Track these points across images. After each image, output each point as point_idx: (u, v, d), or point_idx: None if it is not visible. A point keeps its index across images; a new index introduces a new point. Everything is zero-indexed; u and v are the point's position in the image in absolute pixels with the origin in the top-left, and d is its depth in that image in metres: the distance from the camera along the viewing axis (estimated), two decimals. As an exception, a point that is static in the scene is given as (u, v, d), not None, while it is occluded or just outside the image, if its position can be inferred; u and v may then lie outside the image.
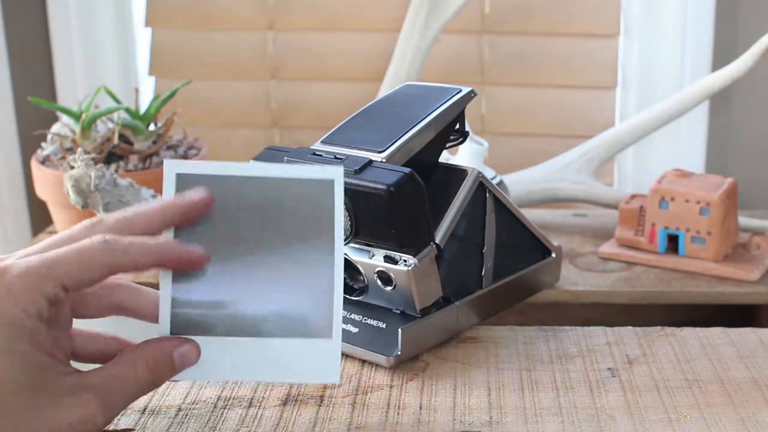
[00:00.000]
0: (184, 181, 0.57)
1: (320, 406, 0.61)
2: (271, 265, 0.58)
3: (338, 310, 0.58)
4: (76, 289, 0.52)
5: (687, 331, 0.72)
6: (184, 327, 0.57)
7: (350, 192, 0.64)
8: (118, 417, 0.60)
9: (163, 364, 0.54)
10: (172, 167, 0.57)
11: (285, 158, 0.68)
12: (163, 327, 0.57)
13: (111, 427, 0.59)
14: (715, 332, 0.72)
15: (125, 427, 0.59)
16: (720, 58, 1.11)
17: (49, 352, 0.51)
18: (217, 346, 0.57)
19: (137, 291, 0.58)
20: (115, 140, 0.95)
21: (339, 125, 0.71)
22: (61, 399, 0.51)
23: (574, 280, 0.86)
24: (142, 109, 0.99)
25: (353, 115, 0.72)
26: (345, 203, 0.65)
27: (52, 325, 0.52)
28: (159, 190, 0.87)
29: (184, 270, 0.56)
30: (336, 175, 0.57)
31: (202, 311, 0.57)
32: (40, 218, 1.21)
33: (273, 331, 0.58)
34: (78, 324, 0.58)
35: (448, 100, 0.70)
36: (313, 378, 0.59)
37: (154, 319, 0.57)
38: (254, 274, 0.58)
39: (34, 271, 0.51)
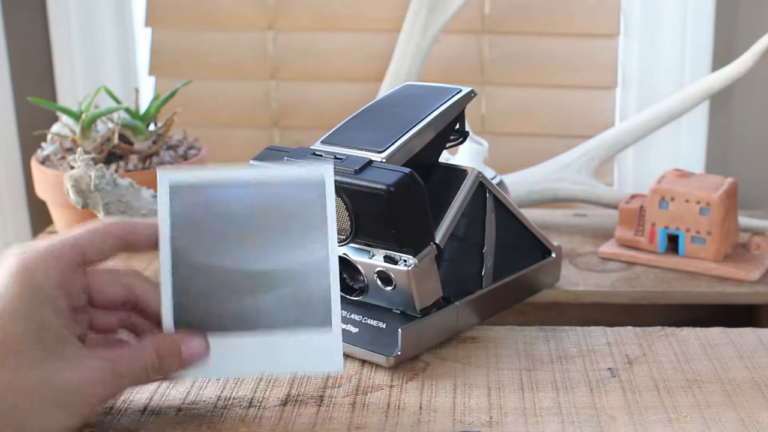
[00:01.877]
0: (177, 190, 0.58)
1: (320, 406, 0.61)
2: (269, 264, 0.59)
3: (336, 301, 0.59)
4: (94, 260, 0.57)
5: (687, 331, 0.72)
6: (187, 326, 0.58)
7: (350, 192, 0.64)
8: (119, 418, 0.60)
9: (171, 354, 0.57)
10: (165, 177, 0.57)
11: (285, 158, 0.68)
12: (167, 325, 0.58)
13: (111, 428, 0.59)
14: (715, 332, 0.72)
15: (126, 427, 0.59)
16: (720, 58, 1.11)
17: (65, 321, 0.55)
18: (220, 343, 0.59)
19: (149, 280, 0.61)
20: (115, 140, 0.95)
21: (339, 125, 0.71)
22: (71, 361, 0.54)
23: (574, 280, 0.86)
24: (142, 109, 0.99)
25: (353, 115, 0.72)
26: (345, 203, 0.65)
27: (71, 298, 0.56)
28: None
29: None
30: (326, 172, 0.59)
31: (203, 310, 0.58)
32: (40, 218, 1.21)
33: (274, 325, 0.59)
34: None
35: (448, 100, 0.70)
36: (316, 368, 0.60)
37: (159, 313, 0.59)
38: (253, 273, 0.58)
39: (60, 242, 0.56)
